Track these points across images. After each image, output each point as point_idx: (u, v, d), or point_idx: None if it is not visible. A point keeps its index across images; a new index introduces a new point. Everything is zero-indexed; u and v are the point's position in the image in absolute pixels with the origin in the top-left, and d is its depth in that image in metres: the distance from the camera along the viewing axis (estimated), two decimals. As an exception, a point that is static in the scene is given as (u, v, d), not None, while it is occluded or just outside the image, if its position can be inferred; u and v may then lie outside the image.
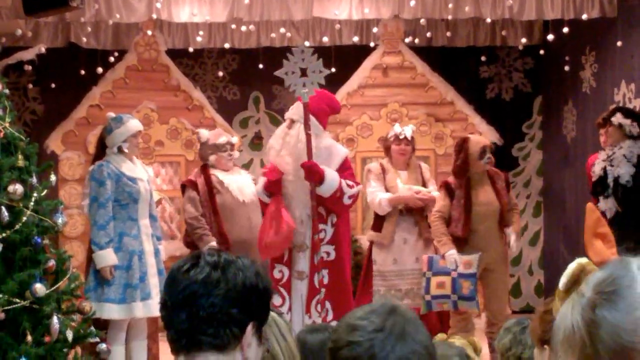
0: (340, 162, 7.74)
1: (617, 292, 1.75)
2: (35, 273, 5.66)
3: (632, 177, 8.04)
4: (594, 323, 1.75)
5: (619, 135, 8.12)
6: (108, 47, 11.04)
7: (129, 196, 7.72)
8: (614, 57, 10.07)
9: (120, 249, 7.66)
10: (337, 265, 7.68)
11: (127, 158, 7.82)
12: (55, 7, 8.51)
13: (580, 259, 2.06)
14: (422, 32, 11.25)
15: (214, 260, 2.44)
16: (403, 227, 8.79)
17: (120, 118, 7.91)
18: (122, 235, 7.71)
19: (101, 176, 7.66)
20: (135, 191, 7.74)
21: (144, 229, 7.81)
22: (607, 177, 8.16)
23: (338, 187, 7.54)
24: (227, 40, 11.16)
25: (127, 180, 7.72)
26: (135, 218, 7.77)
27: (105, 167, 7.69)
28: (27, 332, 5.61)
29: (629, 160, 8.05)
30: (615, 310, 1.73)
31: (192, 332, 2.41)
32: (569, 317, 1.80)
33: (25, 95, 11.56)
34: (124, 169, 7.74)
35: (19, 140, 5.97)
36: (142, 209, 7.82)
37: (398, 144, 8.90)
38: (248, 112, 12.10)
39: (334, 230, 7.70)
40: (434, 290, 8.54)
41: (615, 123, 8.14)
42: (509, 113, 12.06)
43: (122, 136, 7.79)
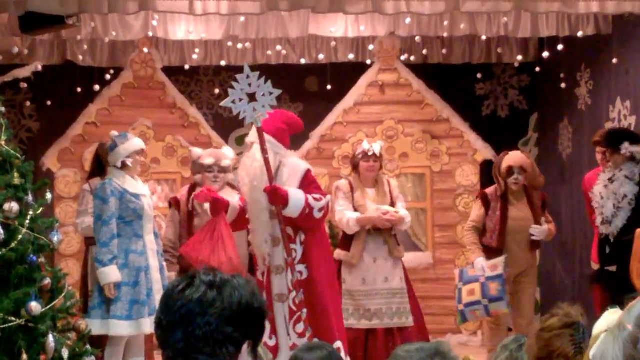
0: (302, 178, 7.51)
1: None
2: (31, 291, 5.65)
3: (636, 196, 8.05)
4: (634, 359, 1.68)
5: (624, 161, 8.12)
6: (104, 64, 11.04)
7: (133, 213, 7.71)
8: (609, 74, 10.09)
9: (126, 265, 7.64)
10: (310, 285, 7.48)
11: (129, 175, 7.81)
12: (52, 25, 8.52)
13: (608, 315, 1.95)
14: (418, 49, 11.27)
15: (210, 279, 2.44)
16: (372, 246, 8.74)
17: (124, 135, 7.94)
18: (128, 252, 7.68)
19: (104, 194, 7.64)
20: (140, 207, 7.73)
21: (149, 245, 7.79)
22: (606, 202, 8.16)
23: (305, 204, 7.34)
24: (223, 57, 11.16)
25: (130, 196, 7.71)
26: (140, 234, 7.75)
27: (108, 184, 7.68)
28: (23, 351, 5.59)
29: (632, 179, 8.07)
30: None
31: (189, 351, 2.40)
32: (610, 351, 1.72)
33: (22, 113, 11.55)
34: (127, 186, 7.74)
35: (14, 158, 5.96)
36: (147, 225, 7.81)
37: (367, 161, 8.82)
38: (244, 129, 12.07)
39: (303, 249, 7.50)
40: (465, 299, 8.68)
41: (625, 153, 8.11)
42: (505, 130, 12.05)
43: (126, 152, 7.80)
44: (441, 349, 2.45)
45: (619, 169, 8.10)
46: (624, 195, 8.03)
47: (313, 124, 11.35)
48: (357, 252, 8.69)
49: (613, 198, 8.07)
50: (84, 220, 8.29)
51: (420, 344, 2.50)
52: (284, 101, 12.13)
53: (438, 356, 2.42)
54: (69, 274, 6.72)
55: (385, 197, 8.81)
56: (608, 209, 8.09)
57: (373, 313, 8.66)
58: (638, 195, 8.05)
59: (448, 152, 11.13)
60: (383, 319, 8.63)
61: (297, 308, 7.45)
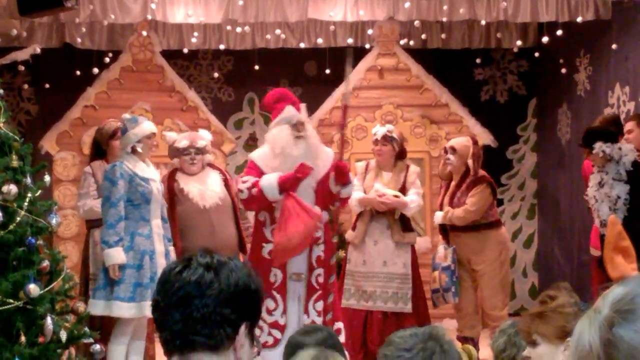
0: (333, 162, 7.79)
1: (636, 311, 1.70)
2: (29, 273, 5.66)
3: (629, 194, 8.04)
4: (610, 343, 1.69)
5: (602, 161, 8.09)
6: (103, 47, 11.03)
7: (141, 196, 7.69)
8: (608, 59, 10.08)
9: (131, 248, 7.63)
10: (327, 265, 7.73)
11: (140, 159, 7.81)
12: (50, 7, 8.50)
13: None
14: (417, 34, 11.26)
15: (207, 261, 2.45)
16: (374, 228, 8.82)
17: (135, 119, 7.89)
18: (134, 234, 7.66)
19: (114, 176, 7.64)
20: (148, 191, 7.71)
21: (155, 229, 7.77)
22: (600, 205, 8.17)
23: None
24: (222, 41, 11.16)
25: (139, 180, 7.68)
26: (147, 218, 7.74)
27: (118, 167, 7.67)
28: (21, 333, 5.61)
29: (620, 180, 8.05)
30: (634, 330, 1.68)
31: (186, 332, 2.41)
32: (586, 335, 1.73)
33: (20, 96, 11.55)
34: (137, 170, 7.71)
35: (13, 141, 5.97)
36: (155, 210, 7.79)
37: (375, 144, 8.94)
38: (243, 113, 12.11)
39: (324, 231, 7.73)
40: (432, 285, 8.99)
41: (597, 152, 8.07)
42: (504, 115, 12.06)
43: (135, 137, 7.75)
44: (434, 333, 2.48)
45: (605, 172, 8.08)
46: (617, 197, 8.03)
47: (312, 108, 11.31)
48: (360, 233, 8.81)
49: (607, 201, 8.06)
50: (86, 203, 8.29)
51: (414, 329, 2.53)
52: (282, 85, 12.13)
53: (431, 340, 2.45)
54: (67, 256, 6.74)
55: (397, 182, 8.85)
56: (604, 212, 8.09)
57: (369, 295, 8.72)
58: (630, 193, 8.04)
59: (447, 137, 11.12)
60: (376, 302, 8.68)
61: (319, 286, 7.59)
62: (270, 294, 7.57)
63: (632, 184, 7.98)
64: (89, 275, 8.28)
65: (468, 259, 8.95)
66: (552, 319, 3.66)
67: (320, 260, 7.65)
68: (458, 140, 9.20)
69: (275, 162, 7.61)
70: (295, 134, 7.64)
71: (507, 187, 12.09)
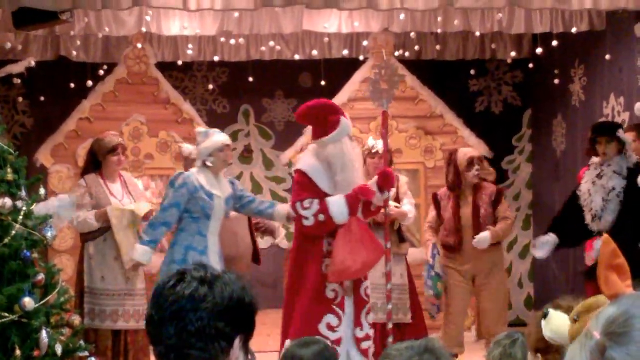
0: None
1: (630, 334, 1.67)
2: (25, 287, 5.65)
3: (624, 189, 8.05)
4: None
5: (616, 151, 8.11)
6: (98, 60, 11.03)
7: (201, 210, 7.63)
8: (603, 70, 10.10)
9: (185, 261, 7.55)
10: None
11: (212, 173, 7.74)
12: (45, 21, 8.51)
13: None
14: (412, 45, 11.27)
15: (201, 275, 2.45)
16: None
17: (205, 133, 7.84)
18: (189, 249, 7.62)
19: (177, 183, 7.64)
20: (209, 207, 7.64)
21: (212, 246, 7.71)
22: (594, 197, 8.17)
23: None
24: (217, 53, 11.17)
25: (203, 194, 7.61)
26: (204, 234, 7.67)
27: (186, 177, 7.66)
28: (16, 347, 5.59)
29: (619, 174, 8.07)
30: (627, 354, 1.65)
31: (181, 346, 2.41)
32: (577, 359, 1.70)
33: (15, 109, 11.55)
34: (204, 183, 7.64)
35: (8, 154, 5.96)
36: (214, 226, 7.71)
37: (372, 158, 8.82)
38: (238, 125, 12.11)
39: None
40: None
41: (623, 138, 8.09)
42: (499, 126, 12.07)
43: (207, 151, 7.70)
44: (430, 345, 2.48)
45: (607, 164, 8.10)
46: (612, 188, 8.03)
47: (307, 120, 11.35)
48: None
49: (602, 192, 8.07)
50: (79, 215, 8.27)
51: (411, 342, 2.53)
52: (277, 97, 12.15)
53: (427, 353, 2.45)
54: (62, 269, 6.73)
55: (391, 193, 8.83)
56: (597, 203, 8.08)
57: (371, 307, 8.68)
58: (626, 189, 8.05)
59: (442, 148, 11.14)
60: (378, 314, 8.63)
61: (368, 298, 7.54)
62: (332, 311, 7.41)
63: (629, 182, 8.00)
64: (84, 288, 8.27)
65: (475, 274, 8.90)
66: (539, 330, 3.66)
67: None
68: (475, 150, 9.31)
69: (341, 177, 7.38)
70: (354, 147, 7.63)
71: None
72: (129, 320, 8.27)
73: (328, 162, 7.37)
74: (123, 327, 8.27)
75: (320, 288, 7.41)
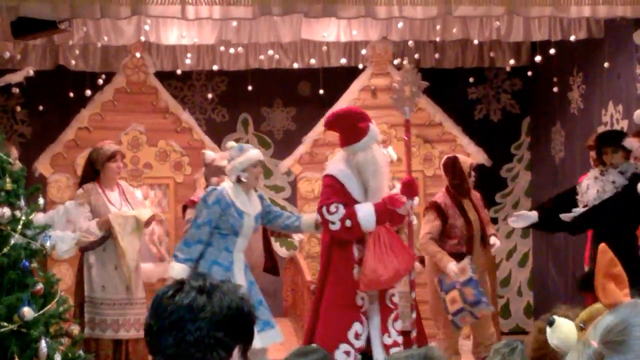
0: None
1: (627, 342, 1.66)
2: (24, 296, 5.64)
3: (622, 187, 8.04)
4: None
5: (623, 159, 8.11)
6: (96, 69, 11.04)
7: (231, 228, 7.58)
8: (601, 78, 10.11)
9: None
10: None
11: (244, 189, 7.69)
12: (44, 30, 8.51)
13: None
14: (410, 53, 11.27)
15: (199, 284, 2.45)
16: None
17: (240, 147, 7.77)
18: (214, 264, 7.57)
19: (209, 199, 7.59)
20: (239, 225, 7.59)
21: (237, 262, 7.65)
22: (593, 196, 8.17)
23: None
24: (216, 62, 11.17)
25: (234, 212, 7.57)
26: (231, 250, 7.62)
27: (218, 192, 7.60)
28: (15, 356, 5.58)
29: (623, 174, 8.07)
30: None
31: (180, 356, 2.41)
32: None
33: (14, 118, 11.55)
34: (236, 200, 7.60)
35: (6, 163, 5.96)
36: (241, 243, 7.67)
37: None
38: (237, 134, 12.11)
39: None
40: (451, 308, 8.68)
41: (630, 147, 8.09)
42: (497, 134, 12.08)
43: (241, 166, 7.61)
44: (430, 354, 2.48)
45: (614, 167, 8.10)
46: (612, 182, 8.03)
47: (305, 128, 11.36)
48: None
49: (599, 185, 8.07)
50: (81, 226, 8.25)
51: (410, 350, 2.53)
52: (276, 105, 12.16)
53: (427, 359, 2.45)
54: (61, 279, 6.71)
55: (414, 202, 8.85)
56: (590, 195, 8.08)
57: None
58: (624, 187, 8.04)
59: (441, 156, 11.10)
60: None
61: (393, 306, 7.53)
62: (359, 319, 7.44)
63: (630, 183, 8.00)
64: (84, 298, 8.26)
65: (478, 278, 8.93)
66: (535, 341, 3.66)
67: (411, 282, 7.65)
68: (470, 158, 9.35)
69: (373, 183, 7.44)
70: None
71: (502, 205, 12.09)
72: (129, 330, 8.27)
73: (358, 169, 7.45)
74: (124, 337, 8.27)
75: (351, 295, 7.45)
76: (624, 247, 7.68)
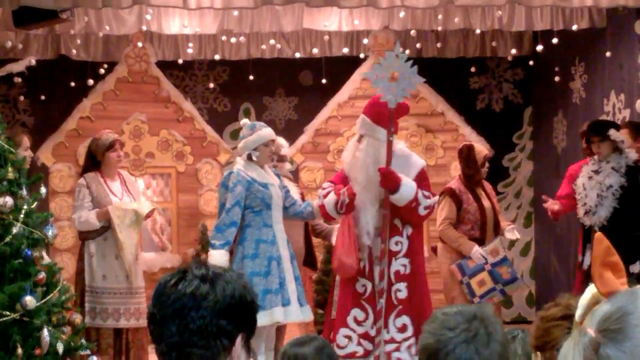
0: (417, 173, 7.62)
1: (624, 330, 1.66)
2: (26, 285, 5.65)
3: (621, 187, 8.06)
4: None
5: (611, 150, 8.13)
6: (98, 59, 11.03)
7: (262, 202, 7.61)
8: (603, 67, 10.10)
9: (257, 255, 7.55)
10: (414, 279, 7.56)
11: (257, 166, 7.73)
12: (46, 19, 8.51)
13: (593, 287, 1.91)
14: (412, 43, 11.27)
15: (202, 273, 2.45)
16: None
17: (253, 126, 7.80)
18: (259, 242, 7.60)
19: (229, 182, 7.60)
20: (268, 196, 7.62)
21: (279, 234, 7.68)
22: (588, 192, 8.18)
23: (414, 196, 7.42)
24: (218, 51, 11.16)
25: (258, 186, 7.59)
26: (270, 224, 7.65)
27: (235, 174, 7.60)
28: (18, 345, 5.59)
29: (617, 171, 8.08)
30: (621, 350, 1.65)
31: (183, 345, 2.41)
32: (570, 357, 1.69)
33: (16, 107, 11.55)
34: (255, 175, 7.63)
35: (8, 153, 5.96)
36: (276, 215, 7.70)
37: None
38: (239, 123, 12.07)
39: (409, 243, 7.58)
40: (479, 291, 8.71)
41: (614, 138, 8.11)
42: (499, 124, 12.07)
43: (253, 144, 7.66)
44: (480, 313, 2.43)
45: (606, 161, 8.12)
46: (609, 186, 8.04)
47: (307, 118, 11.37)
48: None
49: (597, 188, 8.08)
50: (81, 215, 8.27)
51: (460, 306, 2.48)
52: (278, 95, 12.15)
53: (476, 320, 2.41)
54: (63, 268, 6.73)
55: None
56: (591, 199, 8.09)
57: None
58: (623, 187, 8.06)
59: (443, 145, 11.14)
60: None
61: (398, 302, 7.50)
62: (359, 305, 7.49)
63: (629, 180, 8.00)
64: (85, 287, 8.27)
65: None
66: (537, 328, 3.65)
67: (399, 275, 7.50)
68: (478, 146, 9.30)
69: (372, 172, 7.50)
70: None
71: (504, 195, 12.09)
72: (129, 319, 8.28)
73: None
74: (124, 326, 8.28)
75: (351, 281, 7.52)
76: (624, 235, 7.71)
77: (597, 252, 1.90)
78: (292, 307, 7.60)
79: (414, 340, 7.40)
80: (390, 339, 7.42)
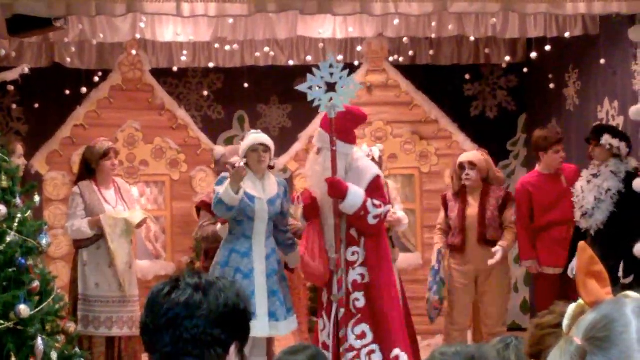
0: (369, 182, 7.62)
1: (610, 338, 1.65)
2: (20, 294, 5.64)
3: (619, 192, 8.08)
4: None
5: (606, 155, 8.15)
6: (92, 67, 11.01)
7: (243, 214, 7.62)
8: (597, 74, 10.11)
9: (227, 264, 7.57)
10: (372, 289, 7.59)
11: (257, 174, 7.74)
12: (39, 27, 8.50)
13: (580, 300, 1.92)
14: (406, 50, 11.28)
15: (195, 282, 2.45)
16: None
17: (247, 133, 7.92)
18: (232, 251, 7.64)
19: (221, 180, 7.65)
20: (250, 209, 7.61)
21: (257, 247, 7.67)
22: (587, 195, 8.19)
23: (362, 205, 7.41)
24: (212, 59, 11.15)
25: (245, 197, 7.57)
26: (249, 235, 7.66)
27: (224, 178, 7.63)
28: (12, 354, 5.59)
29: (617, 175, 8.10)
30: (607, 358, 1.64)
31: (177, 354, 2.40)
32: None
33: (9, 116, 11.53)
34: (246, 185, 7.60)
35: (2, 161, 5.96)
36: (259, 227, 7.69)
37: None
38: (233, 131, 12.09)
39: (366, 253, 7.61)
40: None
41: (604, 144, 8.16)
42: (493, 131, 12.07)
43: (243, 152, 7.73)
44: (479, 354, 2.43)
45: (605, 165, 8.14)
46: (607, 189, 8.06)
47: (302, 125, 11.35)
48: None
49: (595, 191, 8.10)
50: (74, 224, 8.27)
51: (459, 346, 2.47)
52: (272, 102, 12.15)
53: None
54: (57, 276, 6.72)
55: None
56: (589, 202, 8.11)
57: None
58: (621, 192, 8.07)
59: (437, 152, 11.14)
60: None
61: (356, 311, 7.53)
62: (322, 314, 7.63)
63: (627, 186, 8.02)
64: (78, 295, 8.26)
65: (478, 275, 8.93)
66: (532, 336, 3.66)
67: (356, 284, 7.55)
68: (471, 154, 9.28)
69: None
70: None
71: (498, 202, 12.08)
72: (122, 327, 8.27)
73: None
74: (117, 334, 8.28)
75: (321, 291, 7.73)
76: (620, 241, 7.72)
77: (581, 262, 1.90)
78: (256, 322, 7.32)
79: (375, 346, 7.44)
80: (349, 347, 7.47)
